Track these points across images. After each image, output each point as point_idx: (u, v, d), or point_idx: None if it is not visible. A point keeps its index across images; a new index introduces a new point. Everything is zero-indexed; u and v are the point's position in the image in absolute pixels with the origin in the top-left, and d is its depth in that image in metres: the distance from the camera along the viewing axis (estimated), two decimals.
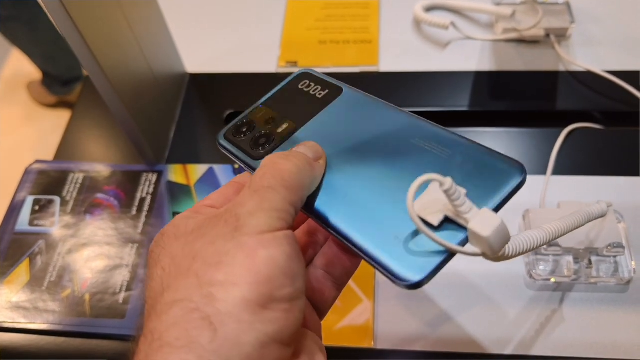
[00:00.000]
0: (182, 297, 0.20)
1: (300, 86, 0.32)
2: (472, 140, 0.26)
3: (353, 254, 0.26)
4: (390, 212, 0.24)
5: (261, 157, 0.28)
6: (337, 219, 0.25)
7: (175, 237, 0.23)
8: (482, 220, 0.22)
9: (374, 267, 0.24)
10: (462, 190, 0.22)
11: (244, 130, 0.31)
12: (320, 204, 0.26)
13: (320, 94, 0.31)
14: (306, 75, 0.33)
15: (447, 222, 0.23)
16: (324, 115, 0.30)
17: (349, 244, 0.25)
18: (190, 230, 0.23)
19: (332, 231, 0.26)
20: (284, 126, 0.30)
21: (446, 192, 0.22)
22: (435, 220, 0.23)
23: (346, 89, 0.31)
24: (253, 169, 0.28)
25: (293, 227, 0.24)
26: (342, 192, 0.26)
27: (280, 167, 0.24)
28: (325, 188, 0.27)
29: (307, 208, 0.26)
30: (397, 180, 0.25)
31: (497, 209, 0.23)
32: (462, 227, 0.23)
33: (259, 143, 0.30)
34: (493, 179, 0.24)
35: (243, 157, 0.29)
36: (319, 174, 0.26)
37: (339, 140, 0.28)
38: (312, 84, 0.32)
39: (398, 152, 0.26)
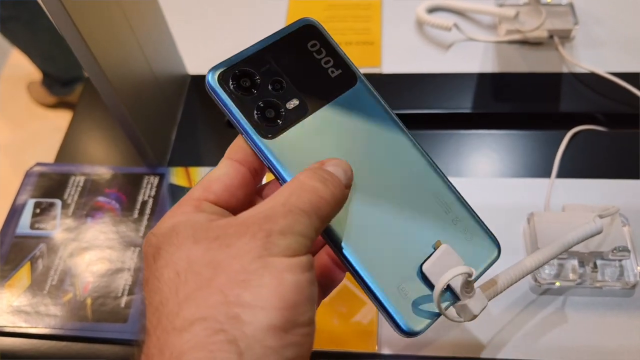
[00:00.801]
0: (206, 315, 0.20)
1: (309, 46, 0.28)
2: (469, 207, 0.29)
3: (345, 271, 0.27)
4: (399, 258, 0.26)
5: (268, 137, 0.26)
6: (347, 249, 0.26)
7: (194, 239, 0.22)
8: (475, 301, 0.27)
9: (376, 307, 0.26)
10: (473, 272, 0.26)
11: (245, 83, 0.26)
12: (332, 225, 0.26)
13: (332, 72, 0.28)
14: (314, 32, 0.29)
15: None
16: (335, 107, 0.28)
17: (356, 277, 0.26)
18: (212, 236, 0.22)
19: (339, 255, 0.26)
20: (295, 103, 0.27)
21: (468, 280, 0.26)
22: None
23: (359, 81, 0.29)
24: (254, 143, 0.26)
25: None
26: (353, 217, 0.26)
27: (319, 194, 0.23)
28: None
29: None
30: (407, 228, 0.27)
31: (475, 280, 0.27)
32: (455, 294, 0.27)
33: (266, 116, 0.26)
34: (479, 252, 0.28)
35: (242, 120, 0.26)
36: (345, 201, 0.25)
37: (350, 151, 0.27)
38: (323, 51, 0.28)
39: (410, 194, 0.28)
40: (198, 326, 0.19)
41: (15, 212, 0.52)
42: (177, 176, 0.53)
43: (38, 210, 0.52)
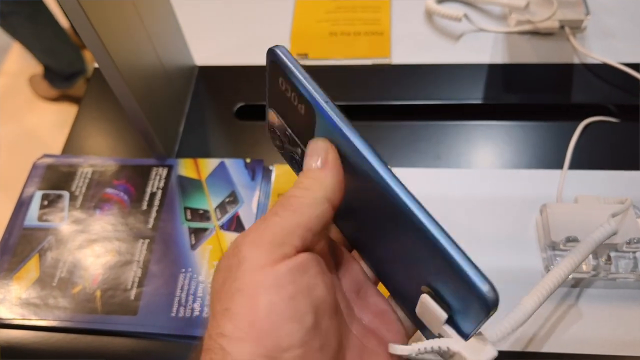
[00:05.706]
0: (207, 347, 0.21)
1: (280, 86, 0.27)
2: (458, 252, 0.22)
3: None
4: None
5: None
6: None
7: (217, 270, 0.23)
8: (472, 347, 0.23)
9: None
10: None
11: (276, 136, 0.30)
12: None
13: (301, 109, 0.26)
14: (276, 68, 0.26)
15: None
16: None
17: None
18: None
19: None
20: (297, 142, 0.29)
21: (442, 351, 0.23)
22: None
23: (318, 111, 0.25)
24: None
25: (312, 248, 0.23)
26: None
27: (288, 194, 0.24)
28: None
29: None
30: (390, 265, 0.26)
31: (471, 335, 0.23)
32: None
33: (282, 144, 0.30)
34: (470, 307, 0.22)
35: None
36: (335, 174, 0.24)
37: None
38: (289, 88, 0.26)
39: (389, 229, 0.24)
40: (205, 356, 0.21)
41: (22, 204, 0.51)
42: (185, 167, 0.52)
43: (46, 202, 0.51)
